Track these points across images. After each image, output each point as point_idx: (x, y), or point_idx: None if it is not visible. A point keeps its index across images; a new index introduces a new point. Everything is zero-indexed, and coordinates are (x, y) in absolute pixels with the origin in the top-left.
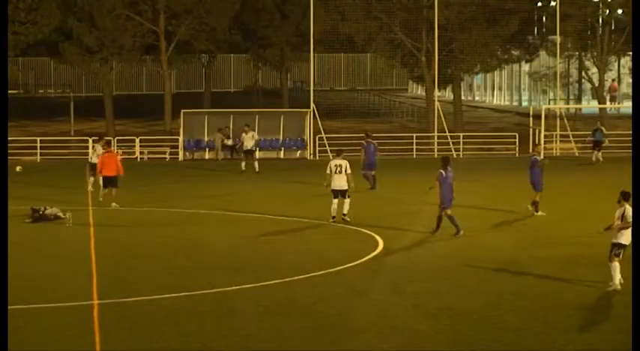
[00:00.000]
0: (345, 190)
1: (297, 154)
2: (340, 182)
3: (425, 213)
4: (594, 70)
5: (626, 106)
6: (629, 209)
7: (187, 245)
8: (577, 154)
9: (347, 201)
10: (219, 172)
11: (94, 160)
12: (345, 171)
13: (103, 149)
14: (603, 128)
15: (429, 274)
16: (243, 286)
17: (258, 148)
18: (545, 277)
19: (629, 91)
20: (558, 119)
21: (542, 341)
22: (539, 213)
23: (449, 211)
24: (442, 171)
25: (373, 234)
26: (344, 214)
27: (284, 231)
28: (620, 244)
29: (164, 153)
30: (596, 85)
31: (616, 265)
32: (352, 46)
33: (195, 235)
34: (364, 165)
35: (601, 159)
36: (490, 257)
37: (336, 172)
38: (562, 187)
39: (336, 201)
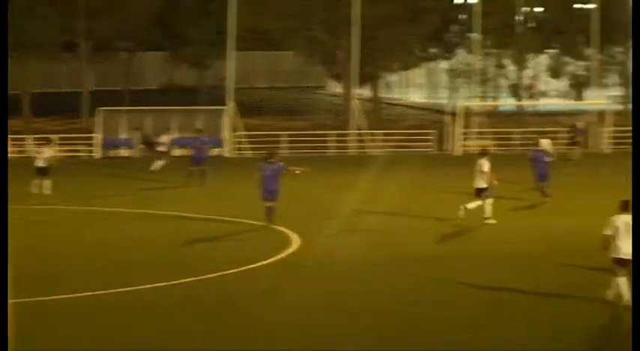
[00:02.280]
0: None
1: (215, 152)
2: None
3: (341, 210)
4: (512, 67)
5: (543, 104)
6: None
7: (103, 243)
8: (493, 152)
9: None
10: (136, 171)
11: (40, 163)
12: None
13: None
14: (581, 124)
15: (344, 273)
16: (157, 284)
17: (173, 147)
18: (463, 271)
19: (547, 88)
20: (476, 117)
21: (455, 333)
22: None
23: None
24: (262, 163)
25: (288, 231)
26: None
27: (199, 229)
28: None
29: (79, 151)
30: (514, 82)
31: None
32: (272, 43)
33: (112, 233)
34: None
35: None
36: (407, 254)
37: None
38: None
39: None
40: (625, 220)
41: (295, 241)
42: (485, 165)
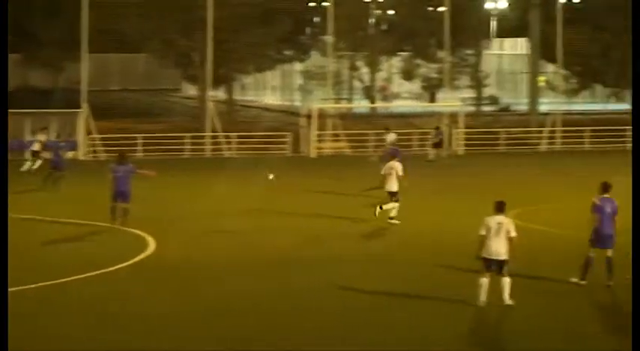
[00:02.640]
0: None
1: (70, 155)
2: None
3: (197, 213)
4: (365, 69)
5: (397, 105)
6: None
7: None
8: (348, 153)
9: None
10: None
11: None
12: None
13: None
14: (443, 127)
15: (200, 275)
16: (15, 288)
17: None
18: (333, 273)
19: (400, 90)
20: (330, 119)
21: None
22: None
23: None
24: (114, 165)
25: (144, 235)
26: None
27: (58, 232)
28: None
29: None
30: (367, 84)
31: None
32: (126, 45)
33: None
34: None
35: (432, 158)
36: (265, 256)
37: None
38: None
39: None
40: (498, 220)
41: (151, 244)
42: (399, 168)
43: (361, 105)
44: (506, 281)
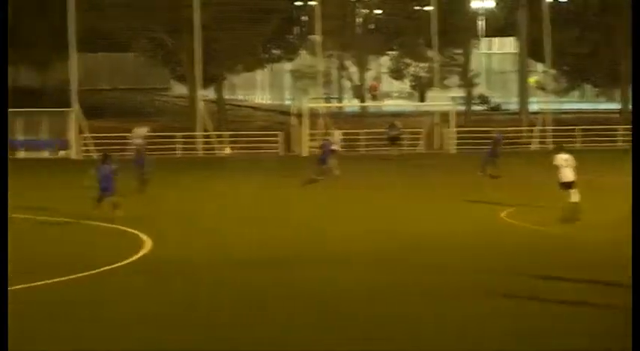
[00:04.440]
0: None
1: (61, 154)
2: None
3: (194, 212)
4: (354, 68)
5: (387, 104)
6: None
7: None
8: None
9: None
10: None
11: None
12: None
13: None
14: (398, 123)
15: (196, 274)
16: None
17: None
18: (315, 272)
19: (389, 89)
20: (321, 118)
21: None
22: None
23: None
24: (98, 164)
25: (139, 233)
26: None
27: (50, 231)
28: None
29: None
30: (357, 83)
31: None
32: (114, 45)
33: None
34: None
35: (396, 153)
36: (256, 254)
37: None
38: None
39: None
40: (564, 157)
41: (148, 243)
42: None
43: (352, 104)
44: (575, 192)
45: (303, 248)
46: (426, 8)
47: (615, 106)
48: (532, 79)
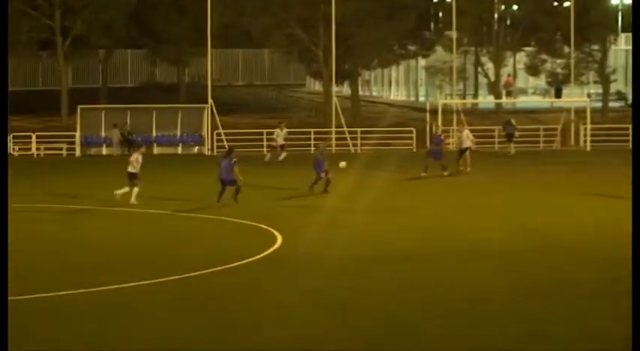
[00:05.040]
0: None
1: (195, 150)
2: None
3: (323, 208)
4: (490, 65)
5: (522, 101)
6: None
7: (84, 241)
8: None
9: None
10: (115, 168)
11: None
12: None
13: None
14: (513, 121)
15: (328, 270)
16: (140, 283)
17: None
18: (446, 268)
19: (525, 85)
20: (455, 114)
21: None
22: None
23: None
24: (220, 157)
25: (271, 229)
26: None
27: (181, 227)
28: None
29: (61, 149)
30: (492, 80)
31: None
32: (250, 41)
33: (92, 231)
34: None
35: (513, 151)
36: (389, 252)
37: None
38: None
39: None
40: None
41: (279, 239)
42: None
43: (486, 100)
44: None
45: (445, 243)
46: (564, 4)
47: None
48: None
